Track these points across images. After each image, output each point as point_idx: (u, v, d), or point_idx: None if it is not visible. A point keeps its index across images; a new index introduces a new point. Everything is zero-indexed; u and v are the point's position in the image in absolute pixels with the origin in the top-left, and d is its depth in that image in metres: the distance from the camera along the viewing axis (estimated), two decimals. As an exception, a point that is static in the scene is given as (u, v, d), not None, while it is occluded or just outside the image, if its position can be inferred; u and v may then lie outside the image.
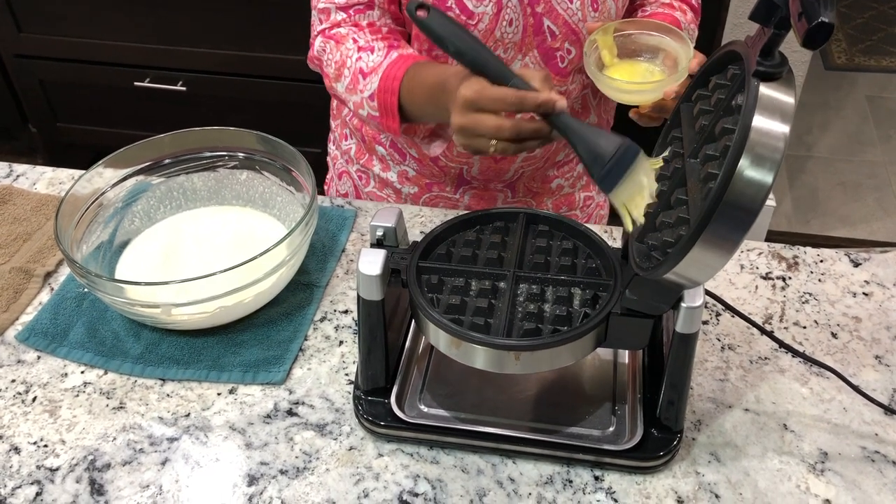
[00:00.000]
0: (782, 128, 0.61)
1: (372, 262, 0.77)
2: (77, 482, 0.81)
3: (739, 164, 0.61)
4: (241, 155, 1.08)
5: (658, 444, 0.80)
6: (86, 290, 0.99)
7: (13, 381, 0.91)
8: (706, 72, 0.76)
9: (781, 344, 0.83)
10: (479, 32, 1.01)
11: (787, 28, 0.60)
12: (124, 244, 1.04)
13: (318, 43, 1.08)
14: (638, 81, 0.95)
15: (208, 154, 1.08)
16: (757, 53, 0.62)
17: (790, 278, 1.03)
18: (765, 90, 0.62)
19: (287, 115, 2.32)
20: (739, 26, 2.20)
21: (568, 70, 1.08)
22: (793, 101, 0.62)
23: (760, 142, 0.61)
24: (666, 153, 0.79)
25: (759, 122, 0.61)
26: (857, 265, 1.05)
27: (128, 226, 1.05)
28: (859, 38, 3.51)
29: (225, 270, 0.85)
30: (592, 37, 0.95)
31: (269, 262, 0.89)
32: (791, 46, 0.61)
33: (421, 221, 1.13)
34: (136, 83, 2.40)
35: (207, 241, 1.04)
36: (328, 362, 0.92)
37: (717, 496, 0.79)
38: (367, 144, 1.22)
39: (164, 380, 0.91)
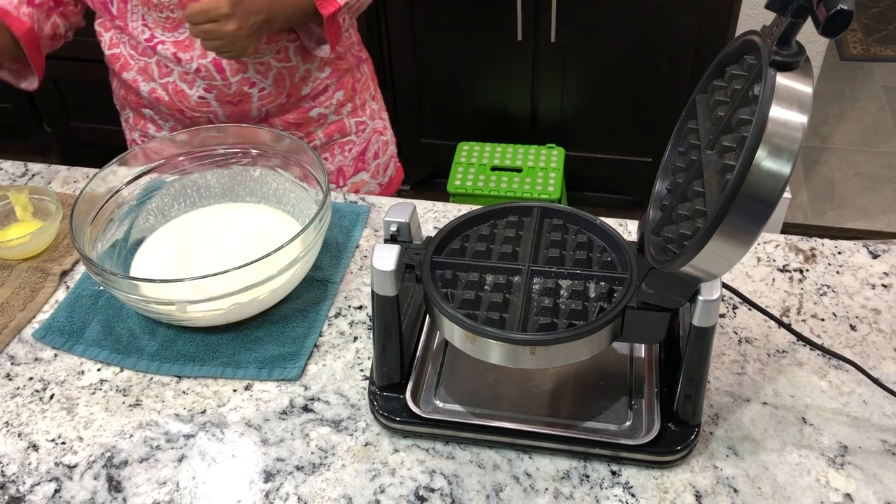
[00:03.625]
0: (800, 118, 0.60)
1: (386, 257, 0.77)
2: (95, 479, 0.81)
3: (757, 154, 0.60)
4: (254, 151, 1.08)
5: (675, 438, 0.80)
6: (101, 288, 0.99)
7: (31, 378, 0.91)
8: (722, 62, 0.75)
9: (800, 337, 0.82)
10: None
11: (805, 17, 0.59)
12: (139, 242, 1.04)
13: None
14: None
15: (222, 151, 1.08)
16: (774, 43, 0.61)
17: (808, 270, 1.02)
18: (782, 80, 0.61)
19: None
20: (754, 17, 2.19)
21: None
22: (810, 91, 0.61)
23: (778, 132, 0.60)
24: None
25: (777, 112, 0.60)
26: (875, 257, 1.04)
27: (142, 224, 1.05)
28: (875, 28, 3.47)
29: (239, 267, 0.85)
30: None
31: (284, 259, 0.89)
32: (806, 36, 0.61)
33: (434, 217, 1.12)
34: (148, 81, 2.40)
35: (221, 238, 1.04)
36: (343, 358, 0.92)
37: (735, 490, 0.78)
38: (137, 111, 1.29)
39: (179, 377, 0.91)
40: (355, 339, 0.95)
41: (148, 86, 1.21)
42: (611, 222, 1.03)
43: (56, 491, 0.80)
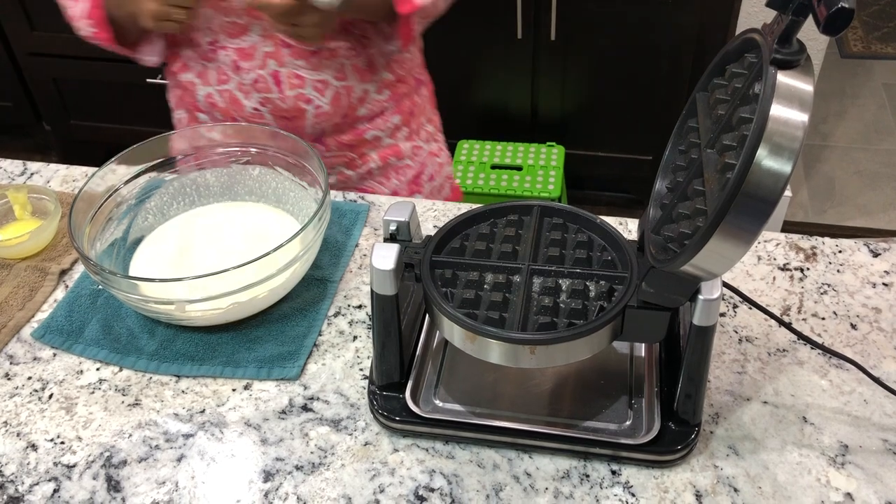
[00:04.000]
0: (801, 116, 0.60)
1: (385, 256, 0.77)
2: (94, 479, 0.81)
3: (757, 153, 0.60)
4: (253, 150, 1.07)
5: (675, 437, 0.79)
6: (100, 287, 0.99)
7: (29, 378, 0.91)
8: (723, 60, 0.75)
9: (800, 336, 0.82)
10: None
11: (805, 14, 0.59)
12: (138, 241, 1.04)
13: None
14: None
15: (221, 150, 1.08)
16: (774, 41, 0.61)
17: (808, 269, 1.02)
18: (783, 78, 0.61)
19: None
20: (754, 15, 2.18)
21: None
22: (811, 89, 0.61)
23: (779, 131, 0.60)
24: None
25: (777, 110, 0.60)
26: (876, 255, 1.04)
27: (141, 223, 1.05)
28: (875, 26, 3.47)
29: (239, 266, 0.85)
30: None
31: (283, 258, 0.89)
32: (806, 34, 0.60)
33: (434, 215, 1.12)
34: (148, 80, 2.40)
35: (221, 237, 1.04)
36: (342, 357, 0.92)
37: (735, 490, 0.78)
38: (191, 113, 1.28)
39: (178, 376, 0.91)
40: (355, 338, 0.95)
41: (205, 90, 1.20)
42: (611, 221, 1.03)
43: (55, 491, 0.80)
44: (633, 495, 0.78)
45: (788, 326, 0.82)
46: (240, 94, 1.18)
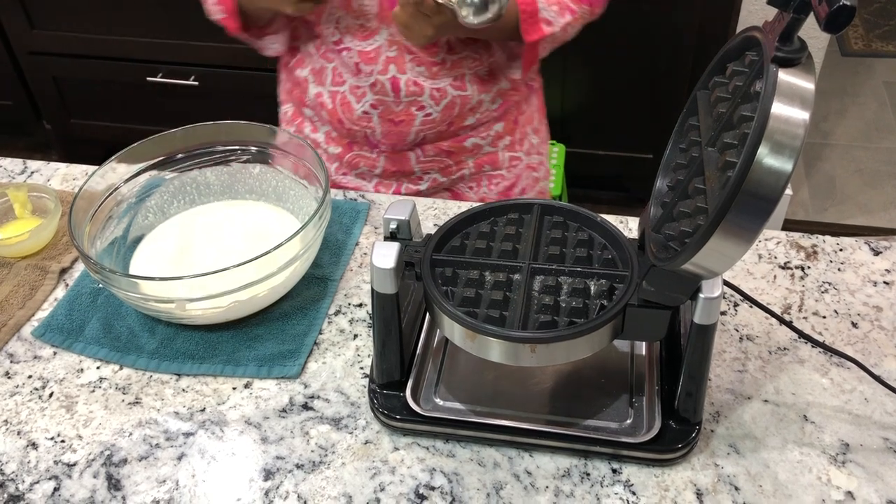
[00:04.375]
0: (802, 114, 0.60)
1: (385, 255, 0.76)
2: (94, 477, 0.81)
3: (758, 151, 0.60)
4: (253, 149, 1.07)
5: (676, 436, 0.79)
6: (100, 285, 0.99)
7: (30, 376, 0.91)
8: (723, 58, 0.74)
9: (801, 334, 0.82)
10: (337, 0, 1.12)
11: (807, 12, 0.59)
12: (138, 239, 1.04)
13: None
14: None
15: (221, 148, 1.08)
16: (776, 39, 0.61)
17: (809, 267, 1.02)
18: (784, 76, 0.60)
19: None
20: (755, 13, 2.18)
21: (428, 44, 1.12)
22: (812, 87, 0.61)
23: (780, 129, 0.60)
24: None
25: (779, 108, 0.60)
26: (877, 254, 1.04)
27: (141, 221, 1.05)
28: (876, 24, 3.47)
29: (239, 265, 0.85)
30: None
31: (283, 256, 0.89)
32: (807, 32, 0.60)
33: (434, 214, 1.12)
34: (148, 78, 2.40)
35: (221, 236, 1.04)
36: (343, 356, 0.92)
37: (736, 488, 0.78)
38: (297, 108, 1.27)
39: (179, 375, 0.91)
40: (355, 336, 0.95)
41: (316, 89, 1.20)
42: (611, 219, 1.03)
43: (55, 489, 0.80)
44: (634, 494, 0.78)
45: (789, 325, 0.82)
46: (352, 97, 1.17)
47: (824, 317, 0.95)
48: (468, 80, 1.18)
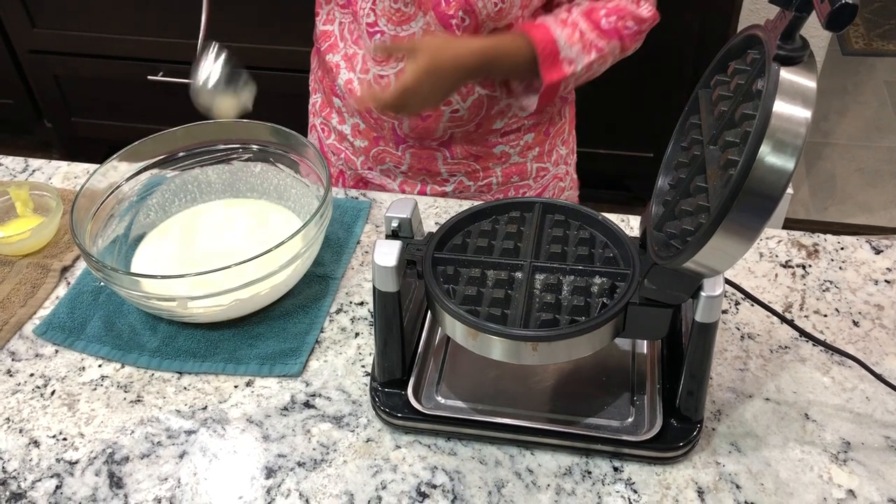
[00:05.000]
0: (804, 113, 0.60)
1: (387, 253, 0.77)
2: (96, 475, 0.81)
3: (760, 150, 0.60)
4: (255, 147, 1.07)
5: (677, 434, 0.79)
6: (102, 284, 0.99)
7: (32, 375, 0.91)
8: (725, 56, 0.74)
9: (802, 332, 0.82)
10: None
11: (809, 10, 0.59)
12: (140, 238, 1.04)
13: None
14: None
15: (222, 147, 1.08)
16: (777, 37, 0.61)
17: (810, 266, 1.02)
18: (786, 74, 0.60)
19: (299, 107, 2.32)
20: (756, 11, 2.18)
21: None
22: (814, 86, 0.61)
23: (782, 127, 0.60)
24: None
25: (780, 107, 0.60)
26: (878, 252, 1.04)
27: (143, 219, 1.05)
28: (877, 23, 3.46)
29: (241, 263, 0.85)
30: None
31: (285, 255, 0.89)
32: (807, 32, 0.60)
33: (436, 212, 1.12)
34: (149, 77, 2.40)
35: (222, 235, 1.04)
36: (344, 354, 0.92)
37: (737, 487, 0.78)
38: (327, 97, 1.26)
39: (180, 373, 0.91)
40: (357, 335, 0.95)
41: (347, 75, 1.18)
42: (613, 218, 1.02)
43: (57, 487, 0.80)
44: (636, 492, 0.78)
45: (791, 323, 0.82)
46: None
47: (825, 315, 0.95)
48: (497, 81, 1.16)
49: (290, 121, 1.14)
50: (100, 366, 0.92)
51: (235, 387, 0.89)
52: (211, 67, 0.98)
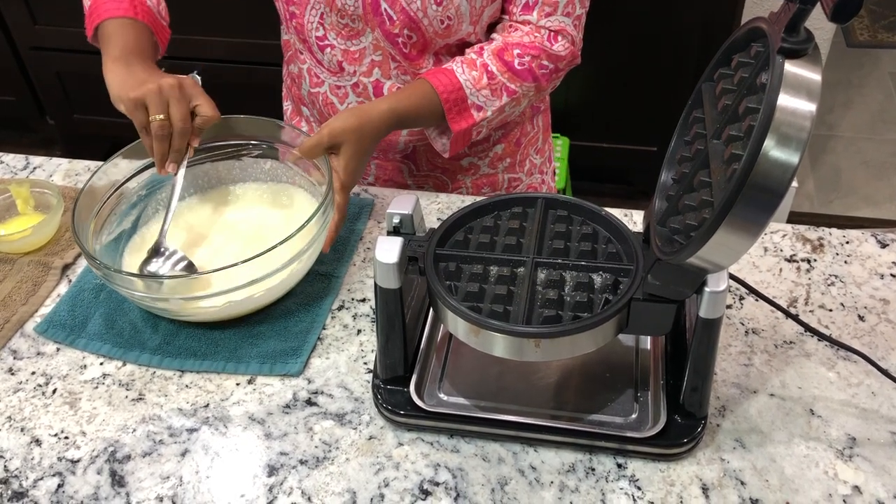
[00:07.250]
0: (809, 106, 0.59)
1: (389, 250, 0.76)
2: (98, 473, 0.81)
3: (765, 144, 0.59)
4: (262, 144, 1.07)
5: (682, 430, 0.79)
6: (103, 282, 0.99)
7: (33, 373, 0.91)
8: (729, 49, 0.74)
9: (807, 327, 0.82)
10: None
11: (814, 2, 0.58)
12: (144, 234, 1.03)
13: None
14: None
15: (227, 143, 1.07)
16: (782, 29, 0.60)
17: (815, 260, 1.01)
18: (790, 67, 0.60)
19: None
20: (759, 4, 2.17)
21: (413, 54, 1.08)
22: (819, 79, 0.60)
23: (786, 121, 0.59)
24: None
25: (785, 100, 0.59)
26: (884, 246, 1.03)
27: (151, 214, 1.05)
28: (882, 14, 3.44)
29: (242, 262, 0.85)
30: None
31: (287, 253, 0.88)
32: (812, 24, 0.60)
33: (438, 208, 1.12)
34: (151, 74, 2.39)
35: (224, 233, 1.04)
36: (346, 352, 0.92)
37: (742, 483, 0.78)
38: (296, 105, 1.25)
39: (182, 371, 0.90)
40: (359, 332, 0.94)
41: (307, 86, 1.17)
42: (616, 213, 1.02)
43: (59, 486, 0.80)
44: (640, 489, 0.77)
45: (795, 318, 0.82)
46: (334, 97, 1.14)
47: (831, 310, 0.95)
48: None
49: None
50: (101, 364, 0.92)
51: (237, 384, 0.89)
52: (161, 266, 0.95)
